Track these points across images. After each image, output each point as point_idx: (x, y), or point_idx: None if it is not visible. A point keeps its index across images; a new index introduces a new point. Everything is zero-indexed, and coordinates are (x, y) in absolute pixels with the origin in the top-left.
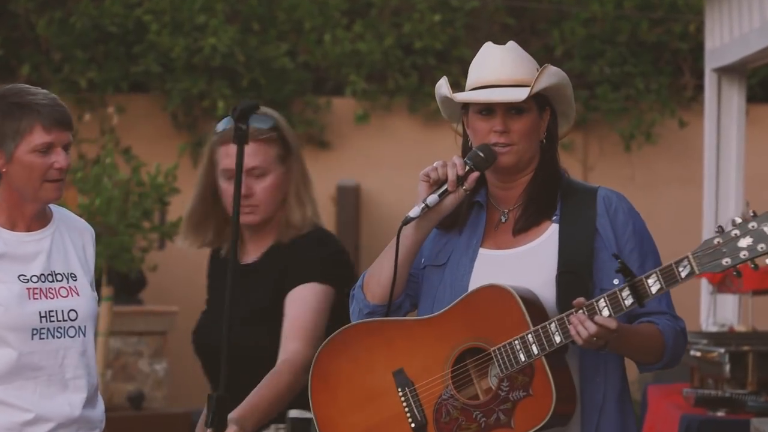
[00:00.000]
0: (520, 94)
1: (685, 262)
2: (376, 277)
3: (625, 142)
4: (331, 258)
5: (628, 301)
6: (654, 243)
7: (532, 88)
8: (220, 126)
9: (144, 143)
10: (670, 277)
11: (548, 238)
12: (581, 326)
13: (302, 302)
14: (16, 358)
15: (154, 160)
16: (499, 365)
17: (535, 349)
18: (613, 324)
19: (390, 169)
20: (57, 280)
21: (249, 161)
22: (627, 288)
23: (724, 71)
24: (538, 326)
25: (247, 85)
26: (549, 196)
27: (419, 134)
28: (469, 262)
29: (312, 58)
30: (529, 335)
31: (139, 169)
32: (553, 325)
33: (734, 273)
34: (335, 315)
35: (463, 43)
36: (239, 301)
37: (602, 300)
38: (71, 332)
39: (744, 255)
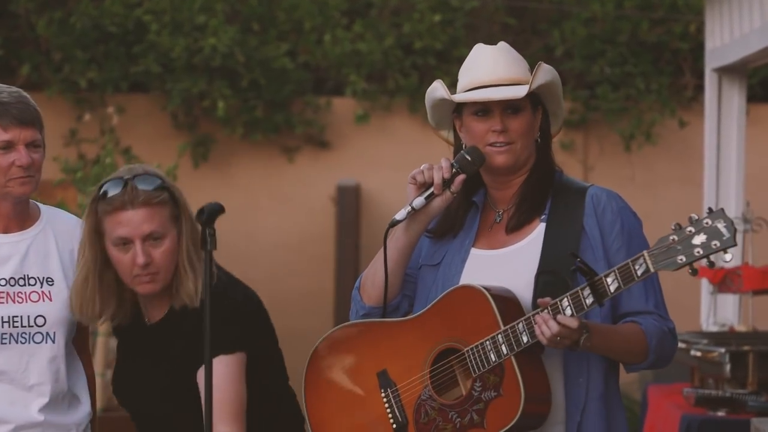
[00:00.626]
0: (519, 92)
1: (641, 260)
2: (371, 279)
3: (625, 142)
4: (232, 319)
5: (589, 300)
6: (646, 243)
7: (530, 85)
8: (108, 191)
9: (144, 143)
10: (627, 276)
11: (535, 237)
12: (545, 326)
13: (217, 381)
14: None
15: (154, 160)
16: (472, 366)
17: (504, 349)
18: (574, 323)
19: (390, 169)
20: (29, 284)
21: (145, 227)
22: (588, 287)
23: (724, 71)
24: (507, 326)
25: (247, 85)
26: (541, 195)
27: (419, 134)
28: (461, 262)
29: (312, 58)
30: (499, 335)
31: None
32: (521, 324)
33: (689, 271)
34: (258, 369)
35: (464, 43)
36: (154, 363)
37: (565, 299)
38: (37, 338)
39: (698, 252)
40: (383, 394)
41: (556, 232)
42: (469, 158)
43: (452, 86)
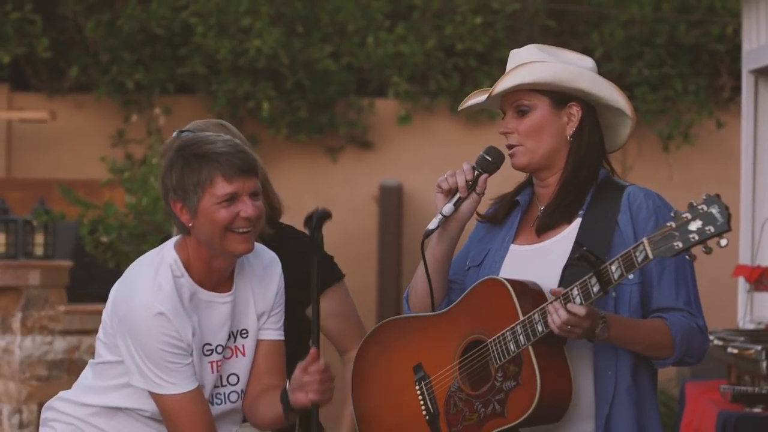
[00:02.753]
0: (480, 98)
1: (641, 247)
2: (414, 289)
3: (663, 143)
4: (324, 255)
5: (596, 288)
6: None
7: (491, 93)
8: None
9: None
10: (628, 263)
11: (570, 232)
12: (555, 314)
13: (336, 311)
14: None
15: None
16: (494, 356)
17: (522, 339)
18: (582, 311)
19: (432, 169)
20: (230, 343)
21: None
22: (594, 276)
23: (761, 72)
24: (525, 317)
25: (291, 86)
26: (575, 196)
27: (461, 135)
28: (500, 259)
29: (355, 59)
30: (518, 326)
31: None
32: (537, 315)
33: (687, 257)
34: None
35: (504, 45)
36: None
37: (575, 288)
38: (233, 397)
39: (693, 238)
40: (417, 387)
41: (591, 227)
42: (489, 158)
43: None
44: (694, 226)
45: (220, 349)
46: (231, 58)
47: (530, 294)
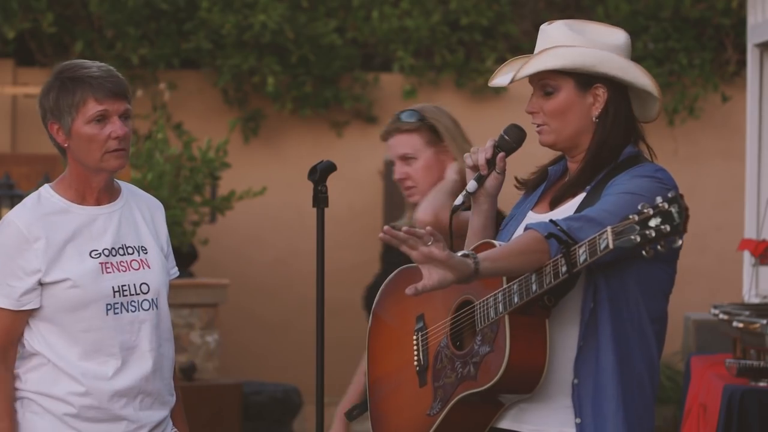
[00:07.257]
0: (503, 81)
1: (605, 236)
2: None
3: (668, 117)
4: None
5: (563, 269)
6: (630, 196)
7: (514, 76)
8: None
9: (195, 119)
10: (593, 249)
11: (572, 205)
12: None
13: None
14: (92, 334)
15: (204, 135)
16: (477, 319)
17: (500, 307)
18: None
19: None
20: (128, 253)
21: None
22: (563, 256)
23: (766, 46)
24: (507, 285)
25: (297, 61)
26: (590, 174)
27: (466, 109)
28: (517, 223)
29: (360, 34)
30: (500, 293)
31: (191, 144)
32: (515, 285)
33: (643, 252)
34: None
35: (509, 19)
36: None
37: (548, 266)
38: (145, 305)
39: (650, 234)
40: (414, 338)
41: (590, 200)
42: (507, 138)
43: (499, 62)
44: (654, 222)
45: (107, 252)
46: (236, 32)
47: None
